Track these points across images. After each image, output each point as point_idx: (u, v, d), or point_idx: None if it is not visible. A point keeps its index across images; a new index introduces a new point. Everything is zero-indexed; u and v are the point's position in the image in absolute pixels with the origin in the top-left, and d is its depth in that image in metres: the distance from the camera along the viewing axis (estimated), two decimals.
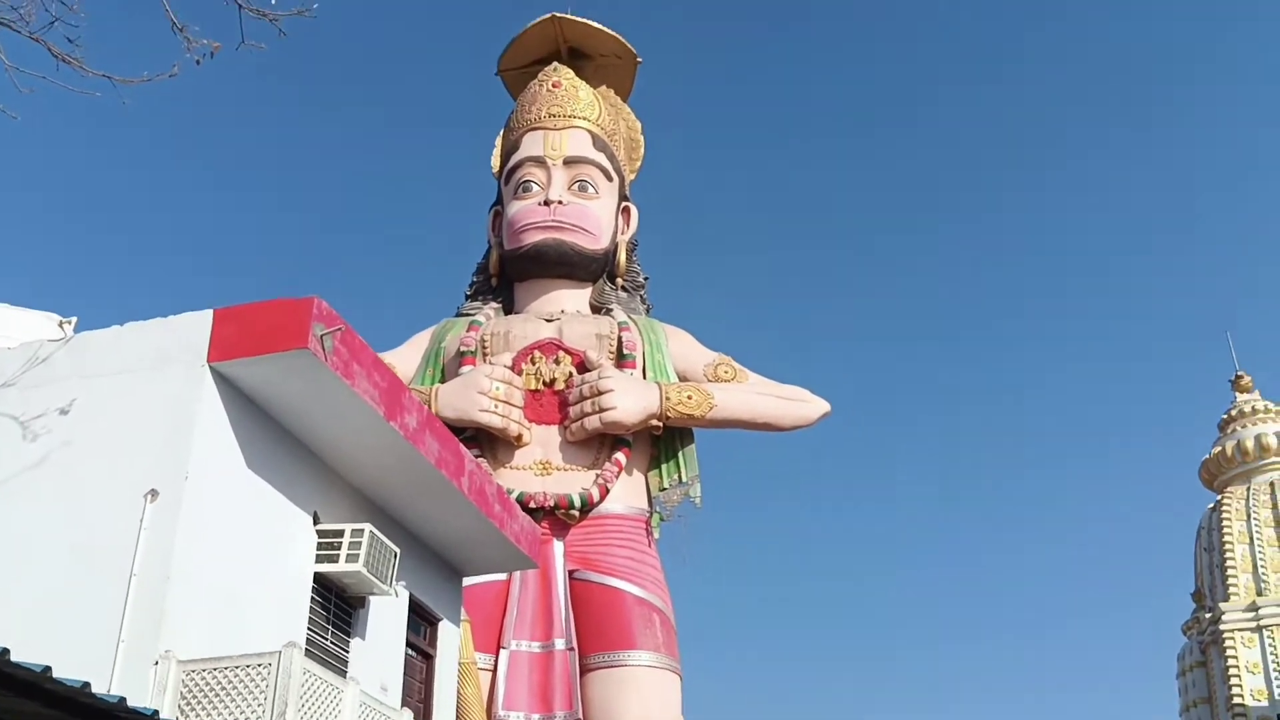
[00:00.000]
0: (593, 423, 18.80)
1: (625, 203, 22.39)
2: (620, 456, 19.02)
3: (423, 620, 12.55)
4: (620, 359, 19.79)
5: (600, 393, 18.85)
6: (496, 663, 17.36)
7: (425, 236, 73.78)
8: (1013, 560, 72.26)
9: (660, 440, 19.76)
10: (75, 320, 10.94)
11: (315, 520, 10.70)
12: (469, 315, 21.05)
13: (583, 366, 19.53)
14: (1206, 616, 31.98)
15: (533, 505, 18.02)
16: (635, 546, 18.69)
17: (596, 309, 21.10)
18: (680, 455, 19.73)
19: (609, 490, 18.73)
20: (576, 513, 18.48)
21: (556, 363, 19.67)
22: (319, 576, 10.57)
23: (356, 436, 10.60)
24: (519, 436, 19.00)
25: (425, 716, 12.31)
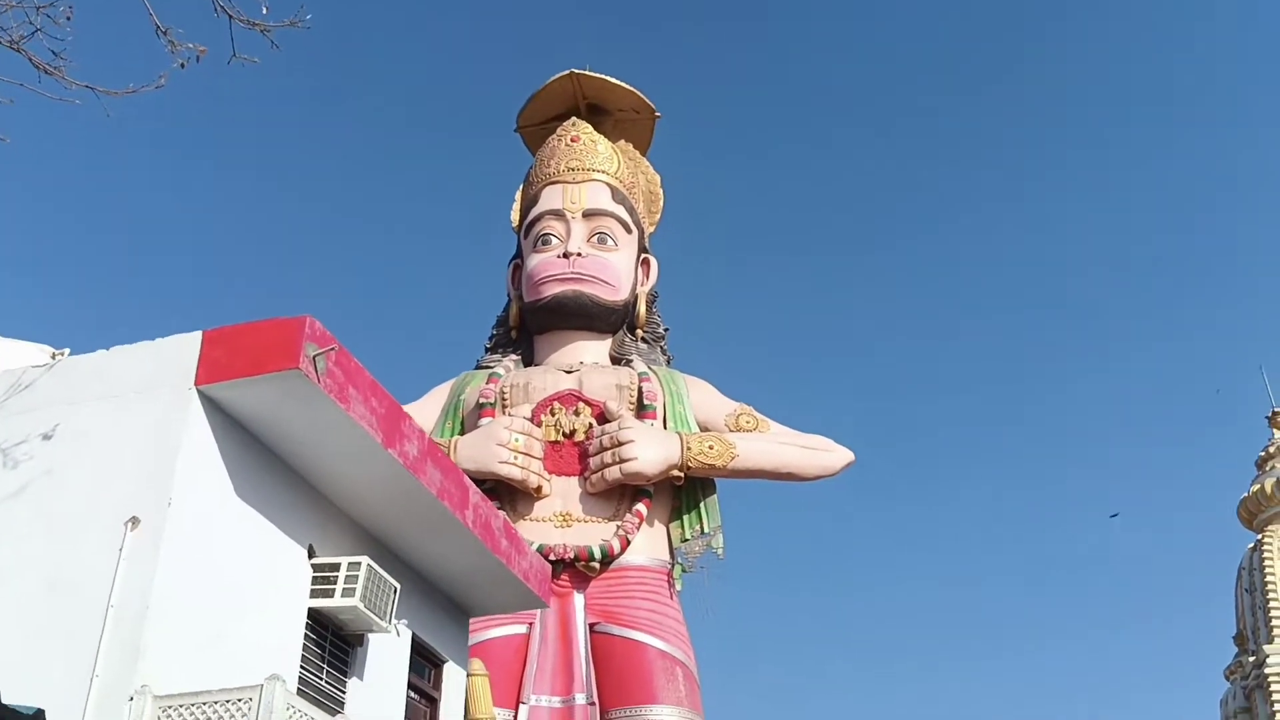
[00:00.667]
0: (613, 473, 18.40)
1: (645, 254, 22.25)
2: (641, 508, 18.58)
3: (426, 661, 11.97)
4: (640, 409, 19.45)
5: (621, 443, 18.47)
6: (516, 718, 16.84)
7: (426, 259, 73.73)
8: (1050, 612, 70.75)
9: (682, 491, 19.31)
10: (67, 351, 10.65)
11: (310, 553, 10.26)
12: (488, 368, 20.87)
13: (603, 418, 19.17)
14: (1250, 660, 30.92)
15: (553, 557, 17.57)
16: (657, 599, 18.20)
17: (616, 360, 20.83)
18: (702, 506, 19.28)
19: (630, 542, 18.28)
20: (597, 565, 18.05)
21: (576, 414, 19.35)
22: (313, 612, 10.08)
23: (353, 464, 10.16)
24: (538, 488, 18.61)
25: None
